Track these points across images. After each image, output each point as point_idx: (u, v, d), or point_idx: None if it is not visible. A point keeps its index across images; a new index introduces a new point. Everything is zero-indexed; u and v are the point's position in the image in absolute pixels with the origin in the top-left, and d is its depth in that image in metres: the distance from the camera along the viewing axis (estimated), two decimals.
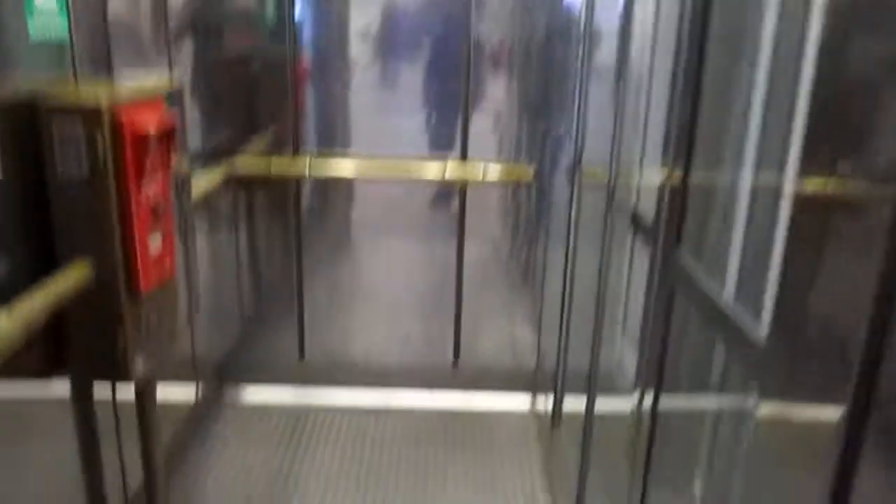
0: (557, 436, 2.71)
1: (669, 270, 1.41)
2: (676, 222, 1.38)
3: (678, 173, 1.38)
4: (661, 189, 1.44)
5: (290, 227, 3.01)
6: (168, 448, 2.64)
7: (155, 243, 1.77)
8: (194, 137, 2.73)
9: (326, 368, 3.19)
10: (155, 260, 1.77)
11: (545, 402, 2.95)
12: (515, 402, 3.14)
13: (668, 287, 1.41)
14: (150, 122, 1.66)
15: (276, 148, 2.90)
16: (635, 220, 1.79)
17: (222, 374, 3.14)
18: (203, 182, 2.50)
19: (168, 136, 1.76)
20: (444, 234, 3.06)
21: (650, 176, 1.72)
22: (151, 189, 1.72)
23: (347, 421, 3.03)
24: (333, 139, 3.00)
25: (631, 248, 1.99)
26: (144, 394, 2.03)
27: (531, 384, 3.13)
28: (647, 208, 1.72)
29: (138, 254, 1.69)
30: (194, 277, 2.23)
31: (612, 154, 1.91)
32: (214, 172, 2.65)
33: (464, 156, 2.85)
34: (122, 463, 2.19)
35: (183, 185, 2.00)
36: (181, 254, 2.04)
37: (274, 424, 2.99)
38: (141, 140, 1.64)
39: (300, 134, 2.90)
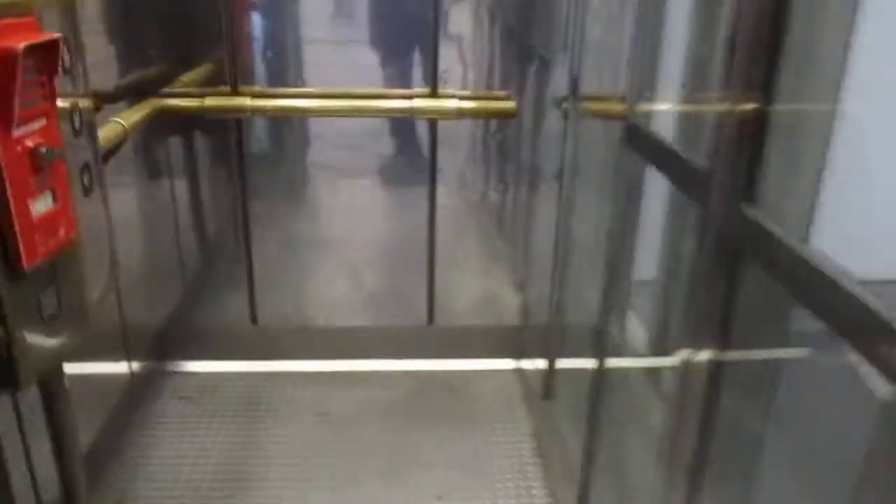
0: (549, 407, 2.38)
1: (733, 223, 1.05)
2: (746, 166, 1.01)
3: (749, 104, 1.00)
4: (721, 124, 1.06)
5: (233, 176, 2.57)
6: (100, 436, 2.25)
7: (41, 205, 1.34)
8: (112, 71, 2.25)
9: (283, 335, 2.80)
10: (43, 226, 1.34)
11: (533, 368, 2.62)
12: (498, 367, 2.80)
13: (733, 241, 1.06)
14: (15, 40, 1.22)
15: (216, 83, 2.43)
16: (663, 158, 1.42)
17: (162, 347, 2.74)
18: (123, 123, 2.04)
19: (49, 63, 1.31)
20: (412, 180, 2.66)
21: (692, 105, 1.34)
22: (30, 134, 1.29)
23: (309, 395, 2.66)
24: (284, 75, 2.54)
25: (647, 192, 1.62)
26: (49, 388, 1.63)
27: (516, 348, 2.79)
28: (687, 146, 1.35)
29: (15, 220, 1.27)
30: (110, 238, 1.81)
31: (628, 73, 1.52)
32: (137, 111, 2.19)
33: (433, 89, 2.43)
34: (33, 472, 1.79)
35: (84, 127, 1.56)
36: (89, 212, 1.61)
37: (224, 401, 2.61)
38: (2, 64, 1.20)
39: (243, 67, 2.44)
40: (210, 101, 2.33)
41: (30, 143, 1.29)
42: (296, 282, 2.80)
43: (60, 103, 1.44)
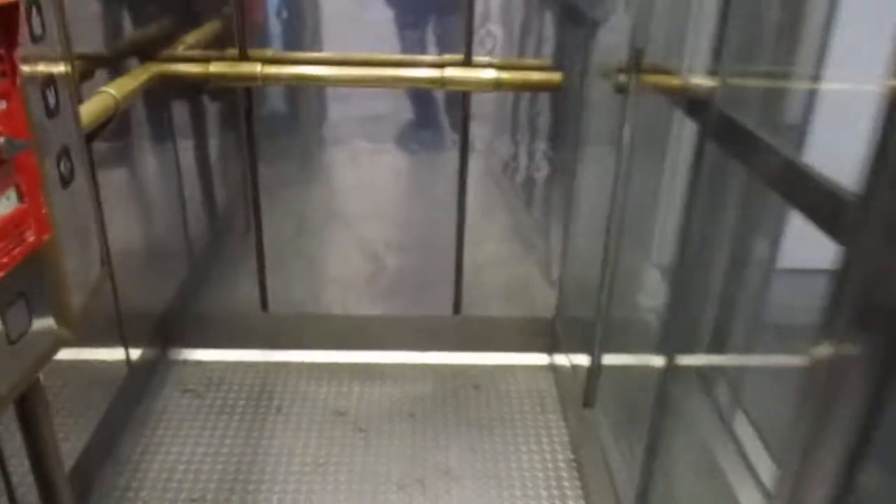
0: (592, 414, 2.15)
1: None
2: None
3: None
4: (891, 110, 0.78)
5: (241, 150, 2.32)
6: (95, 436, 2.05)
7: (1, 207, 1.10)
8: (104, 30, 1.99)
9: (295, 323, 2.57)
10: (3, 232, 1.10)
11: (569, 365, 2.38)
12: (530, 363, 2.57)
13: None
14: None
15: (223, 45, 2.16)
16: (773, 171, 1.15)
17: (165, 333, 2.52)
18: (115, 94, 1.78)
19: (7, 32, 1.06)
20: (441, 156, 2.39)
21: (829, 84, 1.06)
22: None
23: (323, 390, 2.44)
24: (299, 36, 2.26)
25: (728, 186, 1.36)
26: (25, 403, 1.42)
27: (550, 341, 2.55)
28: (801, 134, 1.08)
29: None
30: (99, 228, 1.58)
31: (718, 42, 1.24)
32: (133, 78, 1.93)
33: (467, 56, 2.14)
34: (13, 493, 1.59)
35: (62, 105, 1.31)
36: (70, 202, 1.37)
37: (232, 395, 2.40)
38: None
39: (253, 27, 2.16)
40: (216, 67, 2.06)
41: None
42: (310, 265, 2.56)
43: (27, 79, 1.19)
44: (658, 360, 1.61)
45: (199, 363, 2.53)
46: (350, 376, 2.51)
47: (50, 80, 1.27)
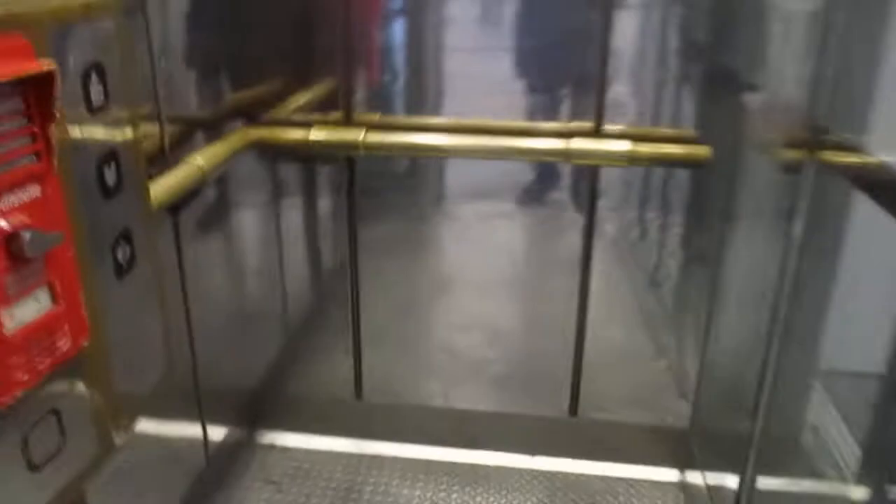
0: None
1: None
2: None
3: None
4: None
5: (342, 219, 2.12)
6: None
7: (26, 311, 0.90)
8: (186, 95, 1.84)
9: (391, 414, 2.31)
10: (28, 341, 0.90)
11: (708, 488, 1.99)
12: (657, 478, 2.19)
13: None
14: None
15: (328, 108, 1.99)
16: None
17: (251, 416, 2.32)
18: (201, 163, 1.62)
19: (41, 104, 0.87)
20: (562, 233, 2.11)
21: None
22: (4, 212, 0.85)
23: (418, 493, 2.16)
24: (418, 98, 2.06)
25: None
26: None
27: (683, 455, 2.17)
28: None
29: None
30: (165, 315, 1.39)
31: None
32: (225, 144, 1.77)
33: (597, 125, 1.87)
34: None
35: (125, 183, 1.12)
36: (129, 294, 1.18)
37: (317, 492, 2.16)
38: None
39: (371, 85, 1.98)
40: (316, 134, 1.88)
41: (4, 227, 0.85)
42: (410, 348, 2.31)
43: (79, 157, 1.01)
44: (858, 493, 1.24)
45: (285, 450, 2.31)
46: (449, 478, 2.21)
47: (111, 155, 1.08)
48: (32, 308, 0.91)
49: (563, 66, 1.95)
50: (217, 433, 2.12)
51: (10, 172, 0.85)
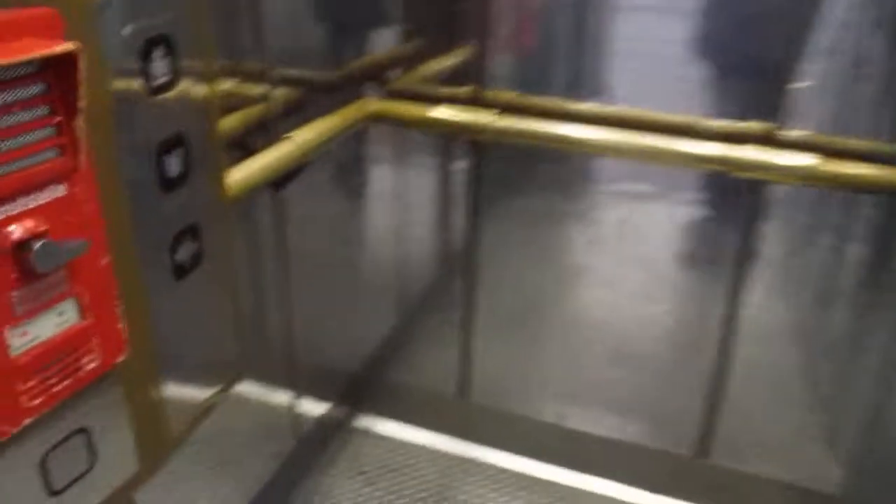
0: None
1: None
2: None
3: None
4: None
5: (465, 208, 1.92)
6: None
7: (44, 327, 0.78)
8: (298, 57, 1.68)
9: (495, 419, 2.12)
10: (43, 360, 0.78)
11: None
12: None
13: None
14: None
15: (462, 81, 1.78)
16: None
17: (351, 398, 2.21)
18: (296, 142, 1.46)
19: (64, 90, 0.72)
20: (712, 252, 1.80)
21: None
22: (16, 216, 0.72)
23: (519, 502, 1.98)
24: (571, 74, 1.82)
25: None
26: None
27: None
28: None
29: None
30: (237, 311, 1.26)
31: None
32: (336, 118, 1.60)
33: (771, 131, 1.53)
34: None
35: (189, 169, 0.98)
36: (193, 295, 1.05)
37: (407, 492, 2.03)
38: None
39: (521, 50, 1.76)
40: (441, 112, 1.67)
41: (13, 234, 0.72)
42: (524, 354, 2.10)
43: (132, 146, 0.87)
44: None
45: (380, 438, 2.19)
46: (551, 499, 2.01)
47: (175, 141, 0.94)
48: (52, 323, 0.79)
49: (749, 50, 1.62)
50: (312, 412, 2.04)
51: (27, 170, 0.71)
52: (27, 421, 0.78)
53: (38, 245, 0.72)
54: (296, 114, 1.49)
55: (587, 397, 2.04)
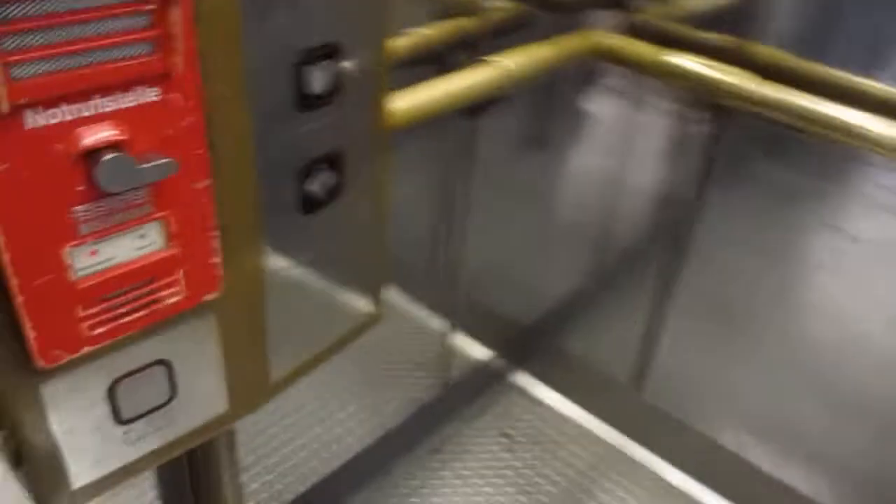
0: None
1: None
2: None
3: None
4: None
5: (693, 174, 1.61)
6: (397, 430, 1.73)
7: (112, 252, 0.66)
8: None
9: (666, 424, 1.85)
10: (107, 288, 0.67)
11: None
12: None
13: None
14: None
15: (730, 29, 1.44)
16: None
17: (513, 354, 2.04)
18: (515, 64, 1.23)
19: None
20: None
21: None
22: (87, 120, 0.58)
23: None
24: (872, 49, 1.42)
25: None
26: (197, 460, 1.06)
27: None
28: None
29: (17, 290, 0.61)
30: (381, 252, 1.11)
31: None
32: (552, 48, 1.34)
33: None
34: None
35: (339, 84, 0.80)
36: (332, 220, 0.90)
37: (546, 470, 1.85)
38: None
39: (767, 8, 1.40)
40: (683, 61, 1.34)
41: (84, 138, 0.59)
42: (719, 364, 1.79)
43: (254, 50, 0.71)
44: None
45: (535, 403, 2.00)
46: None
47: (323, 50, 0.77)
48: (131, 246, 0.67)
49: None
50: (469, 354, 1.91)
51: (107, 64, 0.57)
52: (86, 349, 0.68)
53: (106, 158, 0.58)
54: (509, 34, 1.26)
55: (783, 438, 1.70)
